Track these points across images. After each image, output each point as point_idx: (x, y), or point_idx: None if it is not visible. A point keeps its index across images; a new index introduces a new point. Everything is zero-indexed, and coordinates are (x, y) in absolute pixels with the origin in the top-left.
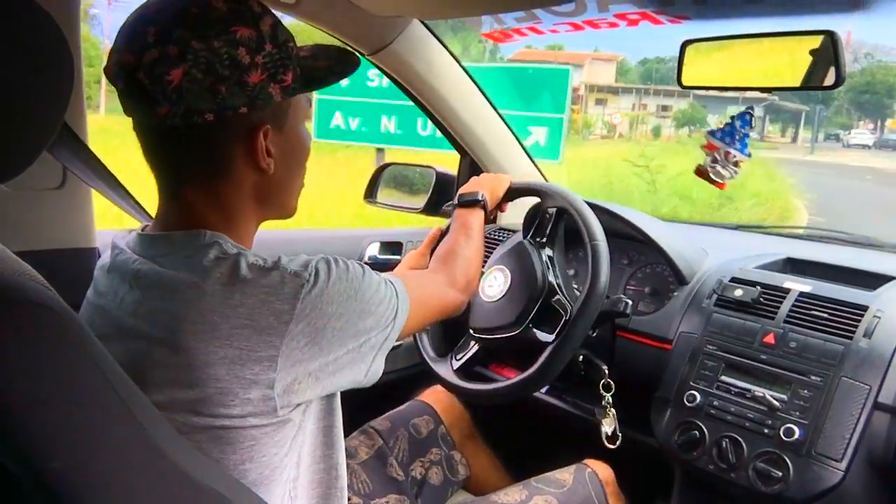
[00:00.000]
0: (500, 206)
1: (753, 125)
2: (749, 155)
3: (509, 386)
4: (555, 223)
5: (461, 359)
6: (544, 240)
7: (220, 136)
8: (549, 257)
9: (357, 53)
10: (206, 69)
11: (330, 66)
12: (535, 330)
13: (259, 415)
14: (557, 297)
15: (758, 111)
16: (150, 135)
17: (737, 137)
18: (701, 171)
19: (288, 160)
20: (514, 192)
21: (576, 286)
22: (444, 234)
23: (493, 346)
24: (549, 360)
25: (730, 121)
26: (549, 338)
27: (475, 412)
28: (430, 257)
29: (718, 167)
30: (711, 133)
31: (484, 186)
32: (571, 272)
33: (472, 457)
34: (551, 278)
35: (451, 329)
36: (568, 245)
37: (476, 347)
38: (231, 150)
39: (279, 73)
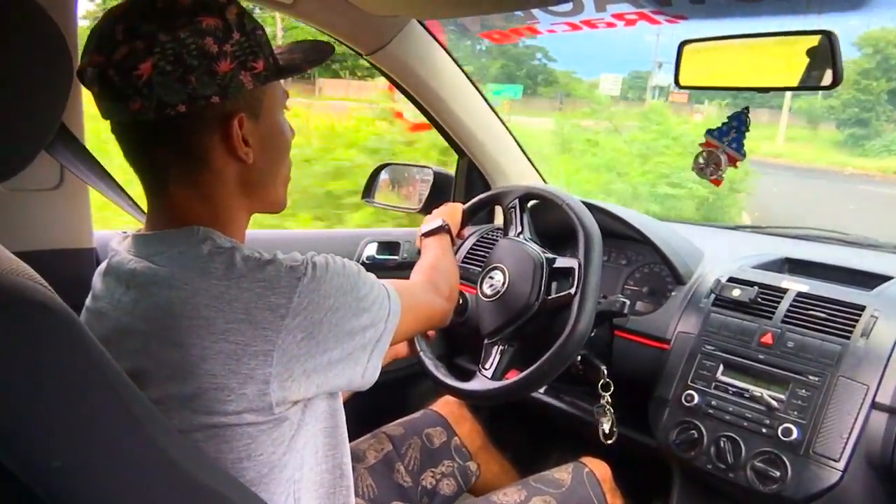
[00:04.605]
0: (460, 233)
1: (748, 126)
2: (744, 154)
3: (558, 350)
4: (519, 213)
5: (491, 366)
6: (520, 229)
7: (194, 127)
8: (529, 239)
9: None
10: (175, 60)
11: (305, 57)
12: (551, 296)
13: (255, 411)
14: (556, 261)
15: None
16: (128, 133)
17: (732, 136)
18: (699, 169)
19: (268, 150)
20: (470, 212)
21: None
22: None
23: (517, 336)
24: (580, 309)
25: (727, 120)
26: (571, 290)
27: (485, 419)
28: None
29: (713, 165)
30: (710, 132)
31: (444, 215)
32: None
33: (485, 464)
34: (545, 254)
35: (468, 346)
36: (552, 245)
37: (501, 349)
38: (208, 141)
39: (249, 61)
